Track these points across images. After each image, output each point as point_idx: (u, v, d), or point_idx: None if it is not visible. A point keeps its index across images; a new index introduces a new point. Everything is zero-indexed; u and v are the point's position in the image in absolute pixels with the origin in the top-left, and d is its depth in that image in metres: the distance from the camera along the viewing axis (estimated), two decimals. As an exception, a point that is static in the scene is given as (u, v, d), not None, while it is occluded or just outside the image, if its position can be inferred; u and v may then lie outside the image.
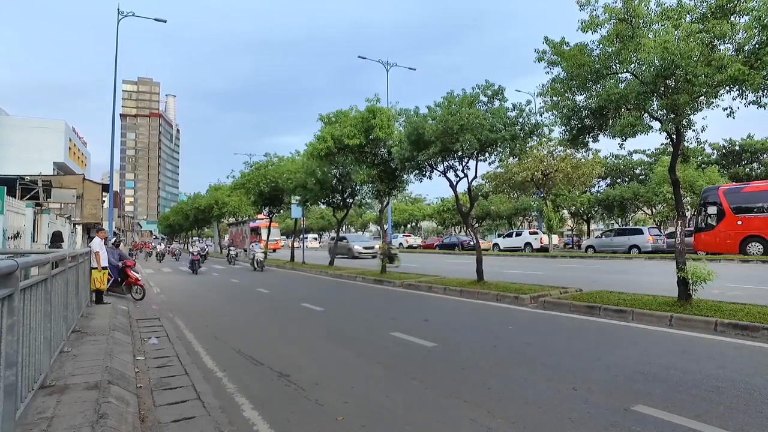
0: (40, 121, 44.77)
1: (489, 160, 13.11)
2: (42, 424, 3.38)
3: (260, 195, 27.52)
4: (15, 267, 3.02)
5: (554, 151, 29.15)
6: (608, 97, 7.87)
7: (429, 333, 6.98)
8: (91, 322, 7.61)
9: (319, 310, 9.81)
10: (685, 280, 7.83)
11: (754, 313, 6.87)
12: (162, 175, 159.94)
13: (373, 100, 16.67)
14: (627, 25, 7.62)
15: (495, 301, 10.00)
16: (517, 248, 32.38)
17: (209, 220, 48.69)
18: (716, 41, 7.20)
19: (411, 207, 57.99)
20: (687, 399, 4.02)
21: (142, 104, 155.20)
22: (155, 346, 6.81)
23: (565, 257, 25.64)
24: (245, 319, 9.35)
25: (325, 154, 16.84)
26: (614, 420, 3.63)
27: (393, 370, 5.26)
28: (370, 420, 3.85)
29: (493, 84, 12.04)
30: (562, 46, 8.41)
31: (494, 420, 3.73)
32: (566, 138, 9.34)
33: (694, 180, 27.31)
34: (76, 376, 4.58)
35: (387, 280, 14.40)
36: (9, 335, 2.96)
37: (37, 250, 12.27)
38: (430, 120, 12.17)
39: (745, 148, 36.31)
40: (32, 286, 3.77)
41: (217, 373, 5.37)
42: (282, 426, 3.77)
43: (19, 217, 14.73)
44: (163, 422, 3.94)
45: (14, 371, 3.02)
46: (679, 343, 6.10)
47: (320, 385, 4.76)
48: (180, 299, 12.42)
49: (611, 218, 40.37)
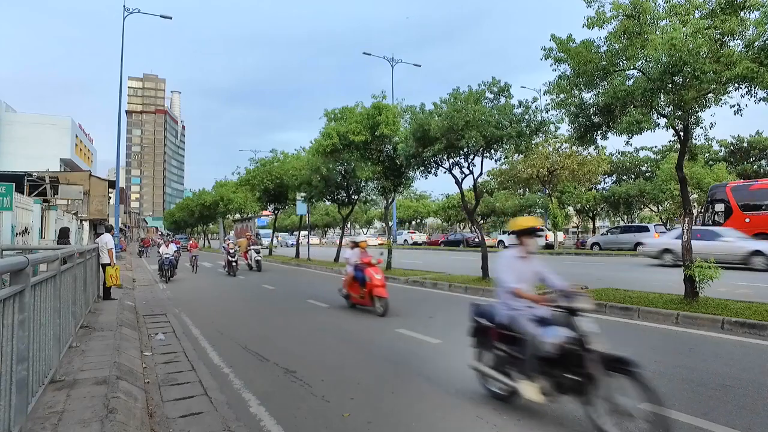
0: (47, 118, 45.02)
1: (494, 157, 13.08)
2: (52, 419, 3.42)
3: (265, 191, 27.56)
4: (26, 264, 3.05)
5: (560, 148, 29.00)
6: (615, 94, 7.81)
7: (434, 330, 6.99)
8: (99, 318, 7.67)
9: (324, 306, 9.84)
10: (692, 277, 7.79)
11: (761, 311, 6.83)
12: (167, 172, 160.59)
13: (379, 96, 16.66)
14: (634, 22, 7.55)
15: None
16: (522, 245, 32.21)
17: (215, 217, 48.85)
18: (725, 37, 7.13)
19: (416, 204, 57.86)
20: (694, 397, 4.01)
21: (147, 101, 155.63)
22: (162, 341, 6.87)
23: (570, 254, 25.54)
24: (251, 316, 9.40)
25: (331, 151, 16.85)
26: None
27: (399, 367, 5.28)
28: (377, 416, 3.87)
29: (499, 81, 11.99)
30: (569, 43, 8.35)
31: (500, 417, 3.74)
32: (574, 135, 9.29)
33: (701, 177, 27.07)
34: (84, 372, 4.62)
35: (392, 277, 14.40)
36: (20, 331, 3.00)
37: (46, 246, 12.38)
38: (436, 116, 12.14)
39: (753, 144, 35.96)
40: (42, 282, 3.81)
41: (223, 369, 5.41)
42: (289, 422, 3.80)
43: (27, 213, 14.87)
44: (171, 417, 3.98)
45: (25, 366, 3.06)
46: (686, 341, 6.08)
47: (326, 381, 4.79)
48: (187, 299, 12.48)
49: (617, 215, 40.13)
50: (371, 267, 8.91)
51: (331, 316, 8.88)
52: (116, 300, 9.86)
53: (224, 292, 13.35)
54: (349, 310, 9.36)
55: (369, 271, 8.82)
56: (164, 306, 10.46)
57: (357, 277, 9.09)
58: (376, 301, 8.66)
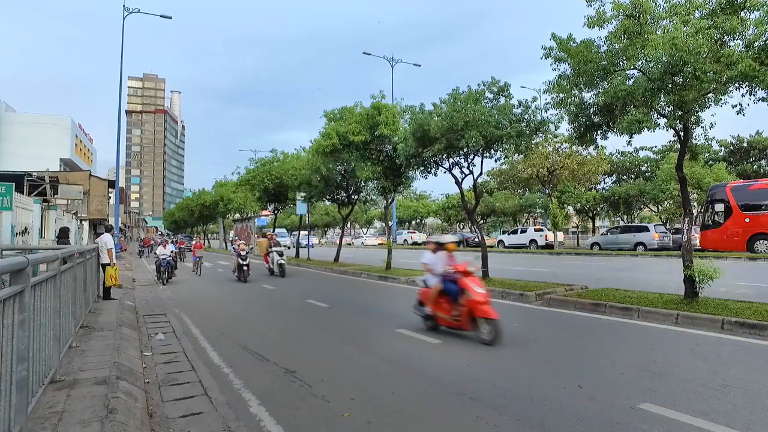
0: (47, 118, 45.05)
1: (494, 156, 13.08)
2: (53, 419, 3.42)
3: (265, 191, 27.58)
4: (26, 264, 3.05)
5: (560, 148, 29.03)
6: (615, 94, 7.81)
7: (434, 329, 6.98)
8: (99, 318, 7.67)
9: (324, 306, 9.84)
10: (692, 277, 7.79)
11: (762, 311, 6.83)
12: (167, 171, 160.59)
13: (378, 96, 16.66)
14: (635, 21, 7.55)
15: (500, 298, 9.98)
16: (522, 245, 32.29)
17: (214, 217, 48.87)
18: (725, 37, 7.12)
19: (416, 203, 57.90)
20: (694, 397, 4.01)
21: (147, 100, 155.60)
22: (162, 341, 6.87)
23: (570, 254, 25.55)
24: (251, 316, 9.40)
25: (330, 151, 16.84)
26: (620, 418, 3.63)
27: (398, 367, 5.28)
28: (376, 416, 3.86)
29: (498, 81, 11.99)
30: (569, 42, 8.35)
31: (500, 417, 3.73)
32: (574, 135, 9.30)
33: (701, 177, 27.09)
34: (84, 372, 4.62)
35: (392, 277, 14.41)
36: (20, 331, 3.00)
37: (45, 246, 12.38)
38: (436, 117, 12.14)
39: (753, 144, 36.00)
40: (42, 282, 3.81)
41: (223, 369, 5.41)
42: (288, 422, 3.80)
43: (26, 213, 14.87)
44: (171, 417, 3.98)
45: (25, 366, 3.06)
46: (686, 341, 6.08)
47: (326, 381, 4.79)
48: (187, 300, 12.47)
49: (617, 215, 40.16)
50: (469, 276, 6.54)
51: (331, 316, 8.88)
52: (116, 300, 9.86)
53: (223, 292, 13.33)
54: (349, 311, 9.35)
55: (466, 282, 6.44)
56: (164, 306, 10.46)
57: (448, 290, 6.68)
58: (480, 324, 6.21)
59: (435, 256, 7.18)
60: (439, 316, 6.85)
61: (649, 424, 3.50)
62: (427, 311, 7.01)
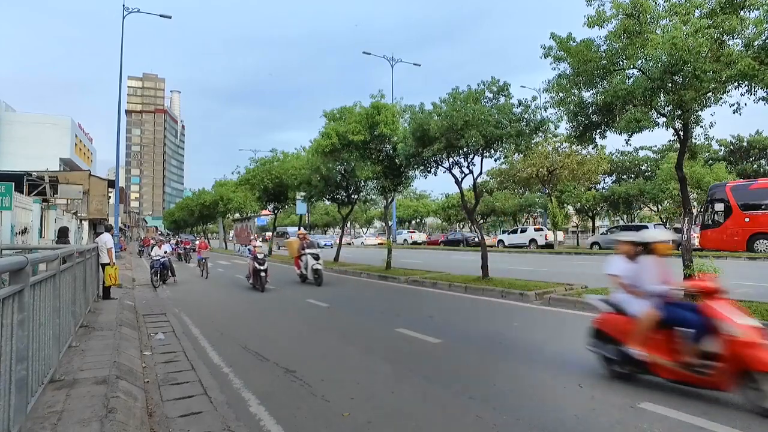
0: (47, 117, 45.04)
1: (494, 156, 13.08)
2: (52, 418, 3.41)
3: (265, 191, 27.57)
4: (25, 263, 3.05)
5: (559, 148, 29.02)
6: (615, 93, 7.82)
7: (434, 329, 6.98)
8: (99, 317, 7.67)
9: (324, 306, 9.84)
10: (692, 277, 7.79)
11: (761, 311, 6.84)
12: (167, 171, 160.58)
13: (377, 96, 16.65)
14: (634, 21, 7.55)
15: (500, 297, 9.98)
16: (522, 245, 32.29)
17: (214, 216, 48.85)
18: (725, 36, 7.13)
19: (416, 203, 57.93)
20: (694, 397, 4.00)
21: (147, 100, 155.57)
22: (162, 341, 6.86)
23: (570, 254, 25.54)
24: (250, 315, 9.39)
25: (330, 151, 16.83)
26: (621, 417, 3.63)
27: (398, 366, 5.28)
28: (376, 416, 3.86)
29: (498, 80, 11.98)
30: (569, 41, 8.36)
31: (500, 417, 3.73)
32: (573, 134, 9.30)
33: (701, 177, 27.07)
34: (84, 371, 4.62)
35: (392, 276, 14.41)
36: (19, 330, 3.00)
37: (45, 246, 12.37)
38: (435, 116, 12.13)
39: (753, 144, 36.01)
40: (41, 281, 3.81)
41: (223, 368, 5.41)
42: (288, 422, 3.80)
43: (26, 212, 14.87)
44: (171, 417, 3.98)
45: (25, 366, 3.06)
46: (686, 340, 6.07)
47: (326, 380, 4.79)
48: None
49: (616, 215, 40.18)
50: (717, 299, 4.03)
51: (331, 315, 8.87)
52: (116, 299, 9.85)
53: (223, 291, 13.30)
54: (349, 311, 9.34)
55: (717, 310, 3.93)
56: (164, 305, 10.46)
57: (678, 321, 4.18)
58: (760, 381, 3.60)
59: (634, 264, 4.78)
60: (659, 363, 4.19)
61: (650, 423, 3.50)
62: (633, 353, 4.31)
